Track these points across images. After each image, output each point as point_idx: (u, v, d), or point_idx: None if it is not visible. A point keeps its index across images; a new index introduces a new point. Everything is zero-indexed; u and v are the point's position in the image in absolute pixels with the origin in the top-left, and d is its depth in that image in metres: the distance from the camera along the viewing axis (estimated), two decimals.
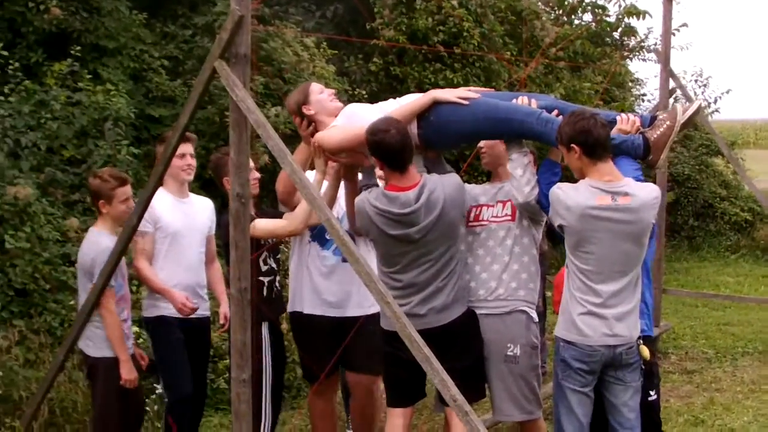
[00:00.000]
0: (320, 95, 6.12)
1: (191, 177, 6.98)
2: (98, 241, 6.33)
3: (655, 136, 5.51)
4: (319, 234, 6.55)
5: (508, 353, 5.88)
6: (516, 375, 5.89)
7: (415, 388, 5.98)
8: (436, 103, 5.70)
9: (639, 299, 5.60)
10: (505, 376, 5.91)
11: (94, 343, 6.42)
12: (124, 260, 6.50)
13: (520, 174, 5.70)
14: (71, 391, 7.75)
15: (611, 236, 5.34)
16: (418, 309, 5.65)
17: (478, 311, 5.93)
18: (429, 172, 5.75)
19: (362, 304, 6.54)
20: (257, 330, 6.38)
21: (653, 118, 5.62)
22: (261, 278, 6.59)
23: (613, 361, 5.49)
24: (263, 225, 6.29)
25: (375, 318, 6.25)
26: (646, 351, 5.66)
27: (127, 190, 6.46)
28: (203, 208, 7.15)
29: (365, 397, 6.87)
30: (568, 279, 5.54)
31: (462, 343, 5.79)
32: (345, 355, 6.55)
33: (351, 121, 5.83)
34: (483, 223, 6.01)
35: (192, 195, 7.15)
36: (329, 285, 6.60)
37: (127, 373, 6.34)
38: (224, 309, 7.10)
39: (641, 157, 5.55)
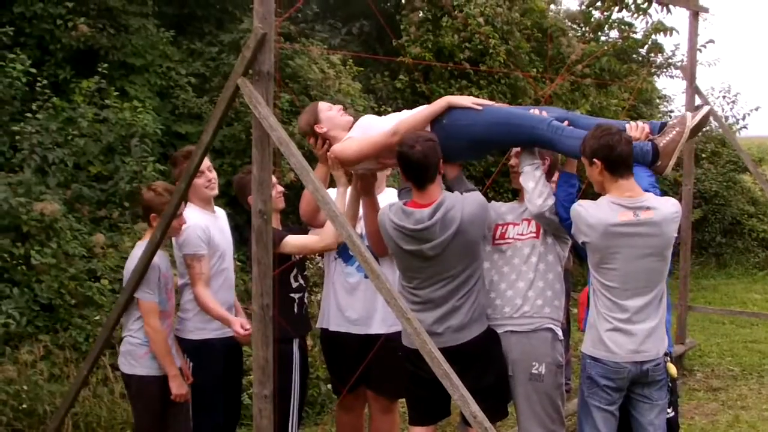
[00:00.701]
0: (329, 112, 6.16)
1: (216, 191, 6.79)
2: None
3: (664, 142, 5.51)
4: (343, 250, 6.52)
5: (533, 371, 5.83)
6: (541, 393, 5.84)
7: (436, 407, 5.93)
8: (451, 108, 5.72)
9: (664, 315, 5.57)
10: (529, 395, 5.85)
11: (126, 360, 6.36)
12: (171, 273, 6.47)
13: (531, 186, 5.70)
14: (95, 406, 7.80)
15: (634, 252, 5.33)
16: (435, 327, 5.63)
17: (503, 329, 5.89)
18: (451, 190, 5.76)
19: (386, 321, 6.50)
20: (288, 346, 6.44)
21: (663, 125, 5.61)
22: (291, 295, 6.57)
23: (640, 379, 5.47)
24: (295, 241, 6.30)
25: (399, 337, 6.28)
26: (673, 369, 5.65)
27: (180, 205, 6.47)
28: (225, 219, 6.98)
29: (383, 416, 6.87)
30: (593, 296, 5.53)
31: (482, 363, 5.75)
32: (367, 371, 6.53)
33: (366, 132, 5.85)
34: (509, 241, 5.98)
35: (216, 209, 7.12)
36: (352, 302, 6.59)
37: (178, 388, 6.25)
38: (240, 320, 6.96)
39: (650, 163, 5.55)
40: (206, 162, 6.58)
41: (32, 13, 10.65)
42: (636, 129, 5.58)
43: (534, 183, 5.70)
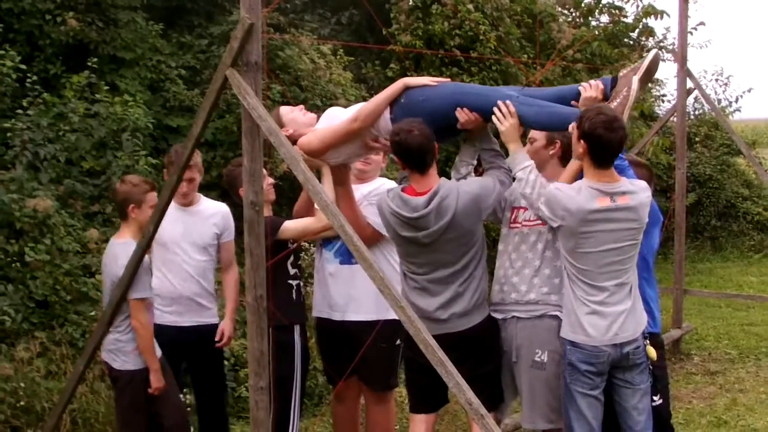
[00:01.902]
0: (291, 114, 6.25)
1: (194, 191, 7.00)
2: (128, 251, 6.24)
3: (613, 106, 5.49)
4: (326, 237, 6.68)
5: (536, 359, 5.80)
6: (542, 382, 5.80)
7: (437, 394, 5.94)
8: (408, 89, 5.74)
9: (638, 296, 5.61)
10: (531, 383, 5.84)
11: (116, 357, 6.43)
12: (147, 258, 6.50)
13: (529, 192, 5.62)
14: (93, 402, 7.79)
15: (610, 236, 5.36)
16: (439, 313, 5.66)
17: (509, 315, 5.89)
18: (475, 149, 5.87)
19: (360, 309, 6.61)
20: (289, 332, 6.56)
21: (615, 79, 5.61)
22: (290, 281, 6.68)
23: (621, 362, 5.49)
24: (293, 225, 6.39)
25: (390, 328, 6.34)
26: (653, 351, 5.68)
27: (155, 196, 6.47)
28: (211, 214, 7.05)
29: (376, 406, 6.93)
30: (568, 281, 5.51)
31: (483, 350, 5.78)
32: (360, 365, 6.57)
33: (331, 122, 5.92)
34: (516, 225, 5.96)
35: (204, 201, 7.12)
36: (331, 288, 6.72)
37: (158, 382, 6.34)
38: (222, 325, 7.03)
39: None
40: (194, 173, 6.75)
41: (20, 9, 10.60)
42: (591, 89, 5.55)
43: (531, 188, 5.63)
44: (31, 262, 8.36)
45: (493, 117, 5.59)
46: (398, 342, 6.50)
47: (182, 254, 6.90)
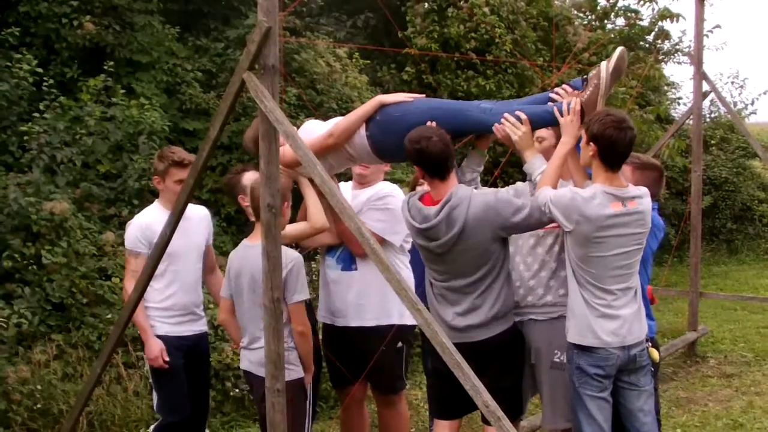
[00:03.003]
0: None
1: None
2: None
3: (586, 96, 5.55)
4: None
5: (555, 359, 5.83)
6: (562, 382, 5.78)
7: (460, 401, 5.81)
8: (383, 106, 5.80)
9: (641, 298, 5.61)
10: (551, 383, 5.86)
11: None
12: None
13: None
14: (109, 404, 7.83)
15: (620, 240, 5.35)
16: (457, 323, 5.64)
17: (526, 317, 5.90)
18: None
19: (361, 315, 6.62)
20: None
21: (584, 80, 5.66)
22: None
23: (628, 365, 5.49)
24: (291, 230, 6.32)
25: (397, 334, 6.49)
26: (655, 353, 5.71)
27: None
28: (199, 220, 6.98)
29: (386, 410, 6.97)
30: (575, 285, 5.49)
31: (504, 362, 5.73)
32: (362, 367, 6.59)
33: (308, 136, 5.89)
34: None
35: (189, 206, 7.04)
36: (333, 294, 6.73)
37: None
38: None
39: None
40: (185, 173, 6.58)
41: (37, 13, 10.65)
42: (567, 94, 5.63)
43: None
44: (47, 265, 8.40)
45: (495, 128, 5.61)
46: (399, 344, 6.59)
47: (188, 264, 6.81)
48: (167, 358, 6.57)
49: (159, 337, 6.63)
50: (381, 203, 6.64)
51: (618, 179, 5.42)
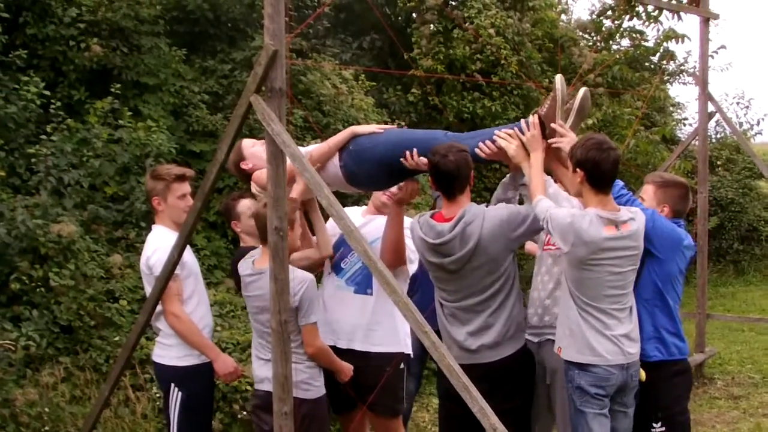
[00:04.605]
0: (253, 148, 6.27)
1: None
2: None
3: (544, 110, 5.71)
4: (336, 263, 6.68)
5: None
6: None
7: (470, 423, 5.85)
8: (356, 136, 5.91)
9: (635, 317, 5.64)
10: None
11: (308, 387, 6.07)
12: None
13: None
14: (117, 427, 7.82)
15: (615, 262, 5.40)
16: (469, 343, 5.65)
17: (543, 338, 5.95)
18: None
19: (370, 339, 6.54)
20: None
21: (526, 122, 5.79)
22: None
23: (625, 384, 5.54)
24: (295, 257, 6.25)
25: (393, 358, 6.45)
26: (643, 373, 5.69)
27: (185, 186, 6.43)
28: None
29: None
30: (574, 305, 5.50)
31: (512, 384, 5.73)
32: (359, 391, 6.47)
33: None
34: (549, 247, 6.05)
35: None
36: (338, 315, 6.61)
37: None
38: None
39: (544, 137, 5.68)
40: (187, 188, 6.58)
41: (45, 35, 10.67)
42: (530, 126, 5.71)
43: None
44: (55, 287, 8.40)
45: (480, 148, 5.69)
46: (402, 366, 6.55)
47: (202, 283, 6.76)
48: (243, 370, 6.48)
49: (201, 365, 6.43)
50: None
51: (611, 203, 5.48)
